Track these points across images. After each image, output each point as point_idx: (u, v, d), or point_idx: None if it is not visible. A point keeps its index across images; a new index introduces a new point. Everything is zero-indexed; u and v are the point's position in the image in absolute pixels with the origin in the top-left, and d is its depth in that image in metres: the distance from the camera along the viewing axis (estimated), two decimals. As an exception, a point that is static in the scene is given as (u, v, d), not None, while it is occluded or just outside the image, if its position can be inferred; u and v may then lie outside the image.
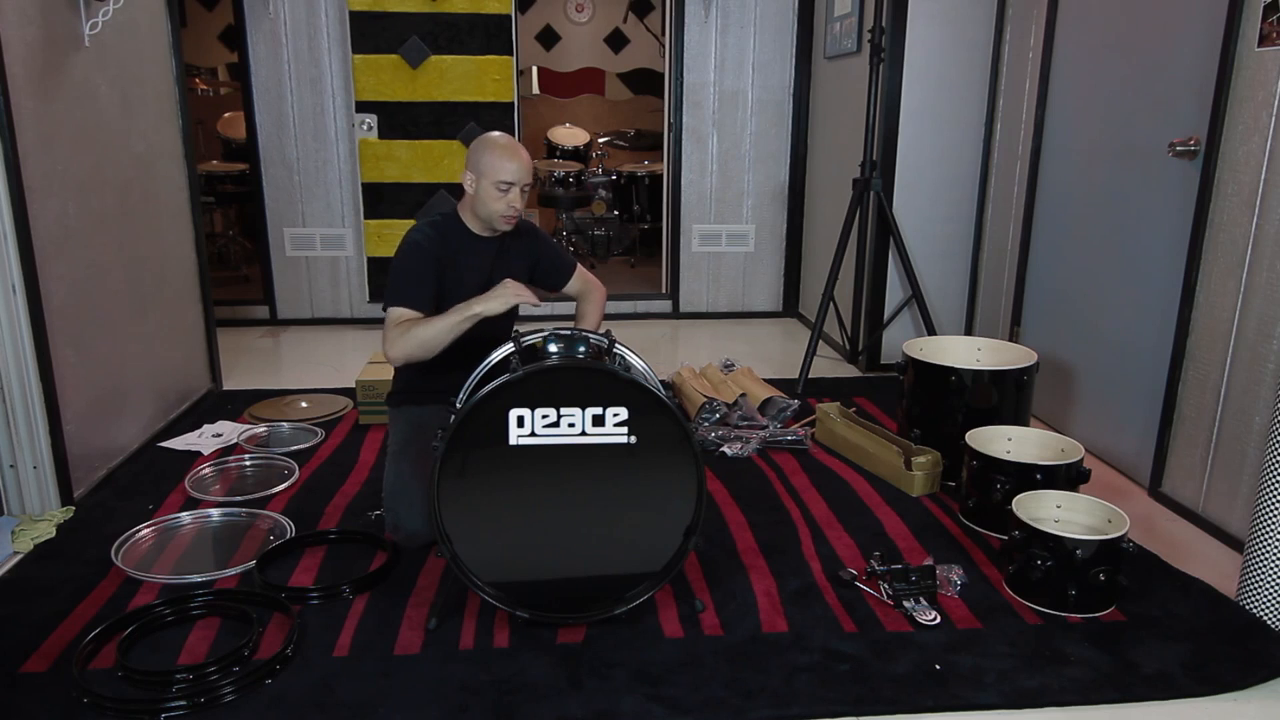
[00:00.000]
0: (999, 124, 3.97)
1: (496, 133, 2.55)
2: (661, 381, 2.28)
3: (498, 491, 2.00)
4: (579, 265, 2.81)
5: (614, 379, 1.96)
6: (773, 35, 5.06)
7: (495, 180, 2.44)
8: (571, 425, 1.97)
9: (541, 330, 2.25)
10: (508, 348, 2.24)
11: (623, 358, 2.17)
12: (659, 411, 1.98)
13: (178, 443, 3.24)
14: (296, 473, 2.97)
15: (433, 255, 2.47)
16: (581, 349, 2.15)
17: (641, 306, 5.40)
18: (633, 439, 1.99)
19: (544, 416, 1.96)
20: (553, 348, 2.16)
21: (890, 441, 2.99)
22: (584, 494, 2.02)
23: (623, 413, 1.97)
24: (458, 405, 2.11)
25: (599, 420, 1.97)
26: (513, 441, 1.96)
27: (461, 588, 2.18)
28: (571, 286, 2.80)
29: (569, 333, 2.23)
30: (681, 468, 2.02)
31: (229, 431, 3.35)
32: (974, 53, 3.98)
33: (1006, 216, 3.92)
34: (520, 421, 1.96)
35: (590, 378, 1.97)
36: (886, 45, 3.86)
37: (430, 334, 2.33)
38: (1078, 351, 3.37)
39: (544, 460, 1.99)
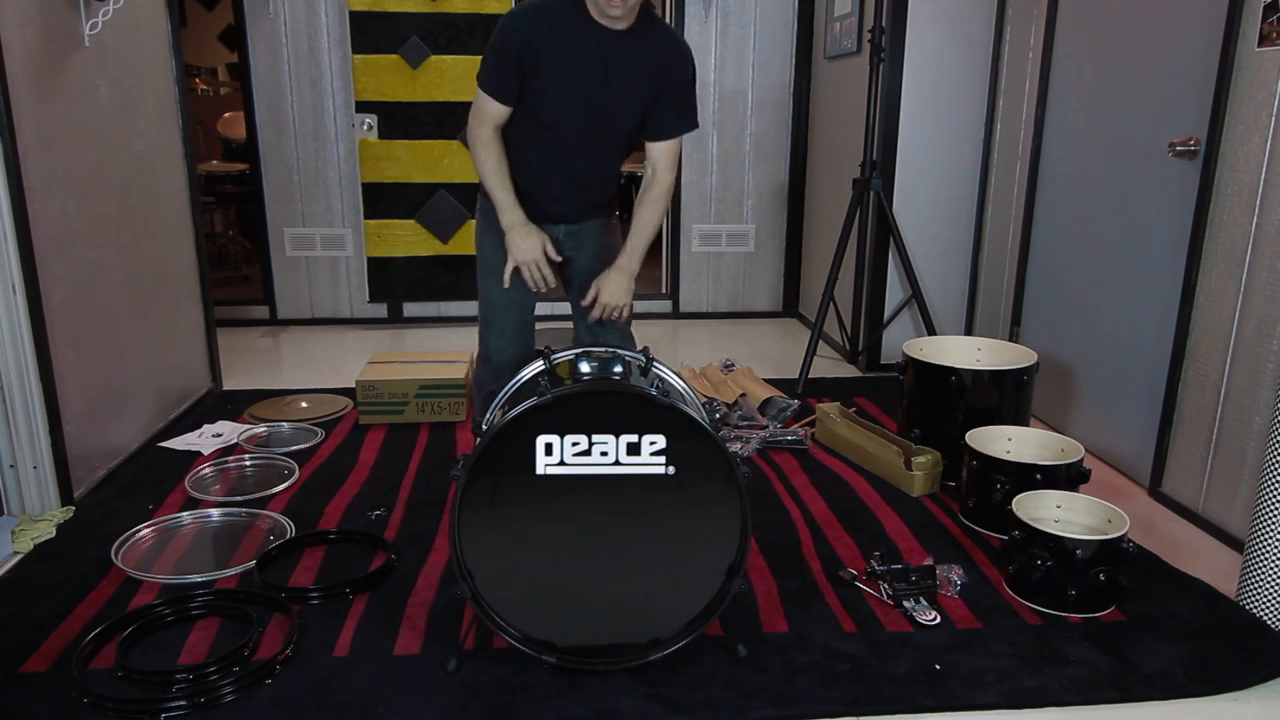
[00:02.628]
0: (999, 124, 3.97)
1: None
2: (707, 401, 2.19)
3: (523, 524, 1.87)
4: (680, 140, 2.43)
5: (651, 404, 1.82)
6: (773, 35, 5.06)
7: None
8: (604, 454, 1.83)
9: (569, 338, 2.18)
10: (537, 365, 2.06)
11: (661, 378, 2.00)
12: (700, 439, 1.83)
13: (178, 443, 3.24)
14: (296, 473, 2.97)
15: (523, 43, 2.19)
16: (617, 369, 1.97)
17: (641, 306, 5.40)
18: (671, 469, 1.84)
19: (574, 444, 1.83)
20: (585, 367, 1.98)
21: (890, 441, 2.99)
22: (617, 528, 1.88)
23: (660, 441, 1.83)
24: (483, 427, 1.97)
25: (634, 449, 1.83)
26: (540, 471, 1.83)
27: (483, 628, 2.08)
28: (657, 152, 2.41)
29: (604, 352, 2.08)
30: (724, 501, 1.87)
31: (229, 431, 3.35)
32: (974, 53, 3.98)
33: (1006, 216, 3.92)
34: (549, 449, 1.82)
35: (625, 402, 1.82)
36: (886, 45, 3.86)
37: (483, 174, 2.31)
38: (1078, 351, 3.37)
39: (574, 491, 1.85)
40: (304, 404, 3.66)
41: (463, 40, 4.73)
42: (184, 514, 2.68)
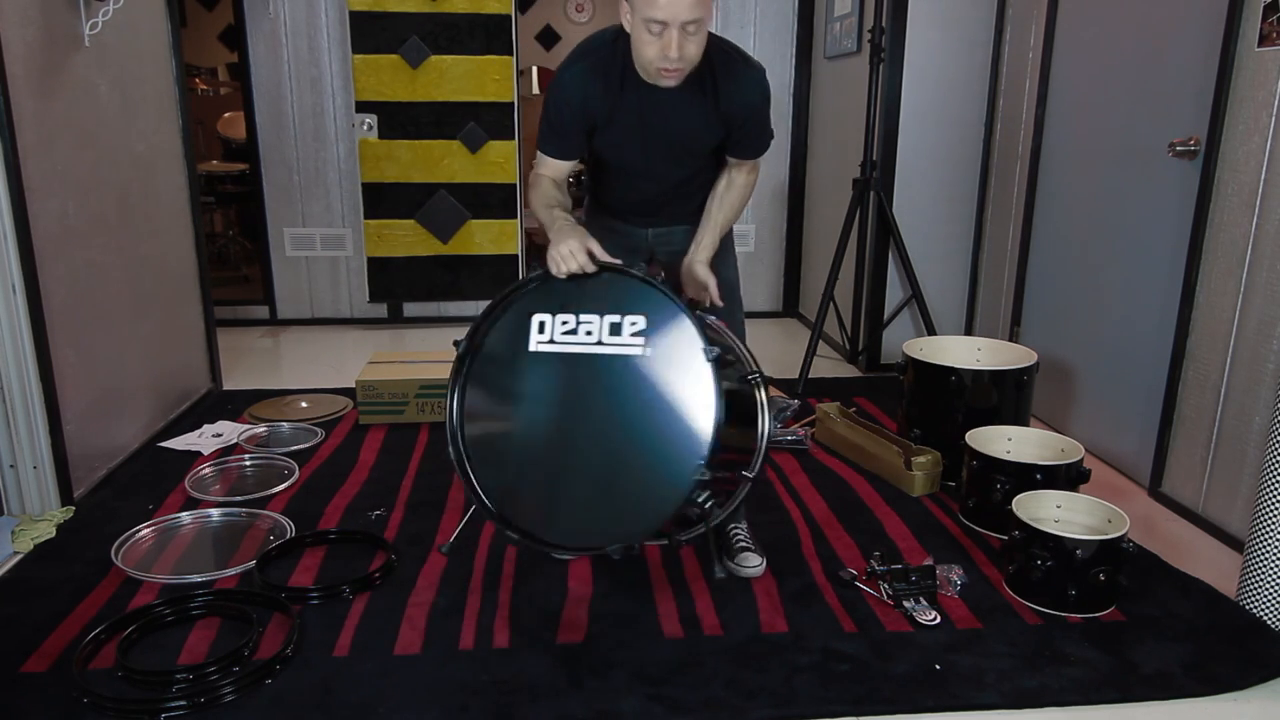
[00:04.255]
0: (999, 124, 3.97)
1: None
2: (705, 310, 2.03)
3: (512, 399, 1.86)
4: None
5: (635, 284, 1.77)
6: (773, 35, 5.06)
7: (644, 16, 1.87)
8: (589, 333, 1.81)
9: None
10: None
11: (667, 286, 1.89)
12: (679, 323, 1.76)
13: (178, 443, 3.24)
14: (296, 473, 2.97)
15: (578, 106, 2.08)
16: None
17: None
18: (648, 351, 1.78)
19: (564, 323, 1.82)
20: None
21: (890, 441, 2.99)
22: (596, 411, 1.82)
23: (640, 321, 1.79)
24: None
25: (616, 329, 1.79)
26: (532, 348, 1.83)
27: (474, 514, 2.06)
28: (736, 165, 2.28)
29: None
30: (700, 389, 1.76)
31: (229, 431, 3.35)
32: (974, 53, 3.98)
33: (1006, 216, 3.92)
34: (541, 327, 1.83)
35: (612, 281, 1.79)
36: (886, 45, 3.86)
37: (535, 210, 2.21)
38: (1078, 351, 3.37)
39: (560, 369, 1.83)
40: (304, 404, 3.66)
41: (463, 40, 4.73)
42: (184, 514, 2.68)
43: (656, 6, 1.84)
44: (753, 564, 2.34)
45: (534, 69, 7.80)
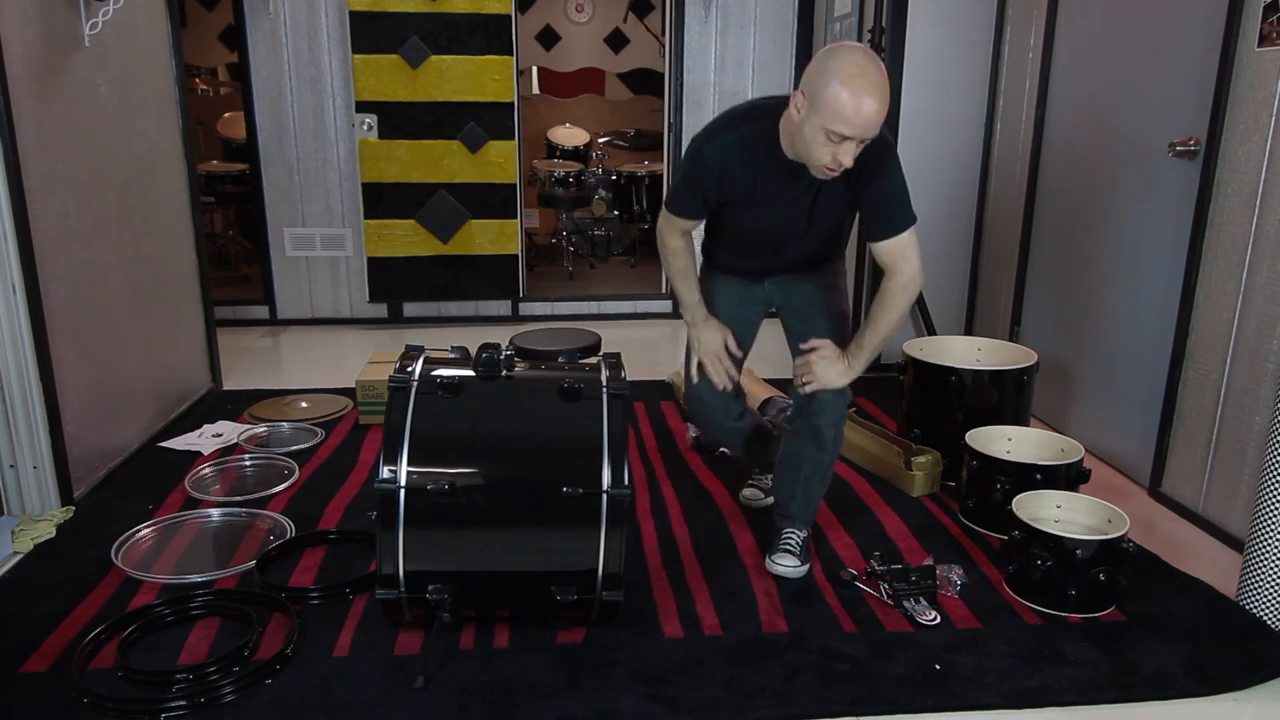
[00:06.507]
0: (999, 124, 3.97)
1: (854, 51, 1.86)
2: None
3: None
4: (910, 232, 2.11)
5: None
6: (773, 35, 5.06)
7: (827, 125, 1.86)
8: None
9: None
10: None
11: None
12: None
13: (178, 443, 3.24)
14: (296, 473, 2.97)
15: (715, 176, 2.10)
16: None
17: (641, 306, 5.39)
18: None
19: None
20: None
21: (890, 441, 2.99)
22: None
23: None
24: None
25: None
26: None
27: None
28: (881, 251, 2.12)
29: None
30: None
31: (229, 431, 3.35)
32: (974, 53, 3.97)
33: (1006, 216, 3.92)
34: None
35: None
36: (886, 45, 3.86)
37: (669, 275, 2.37)
38: (1078, 351, 3.37)
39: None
40: (304, 404, 3.66)
41: (463, 40, 4.72)
42: (184, 514, 2.68)
43: (848, 124, 1.84)
44: (787, 565, 2.36)
45: (534, 69, 7.79)
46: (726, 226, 2.34)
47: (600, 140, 7.36)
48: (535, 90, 7.78)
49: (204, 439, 3.28)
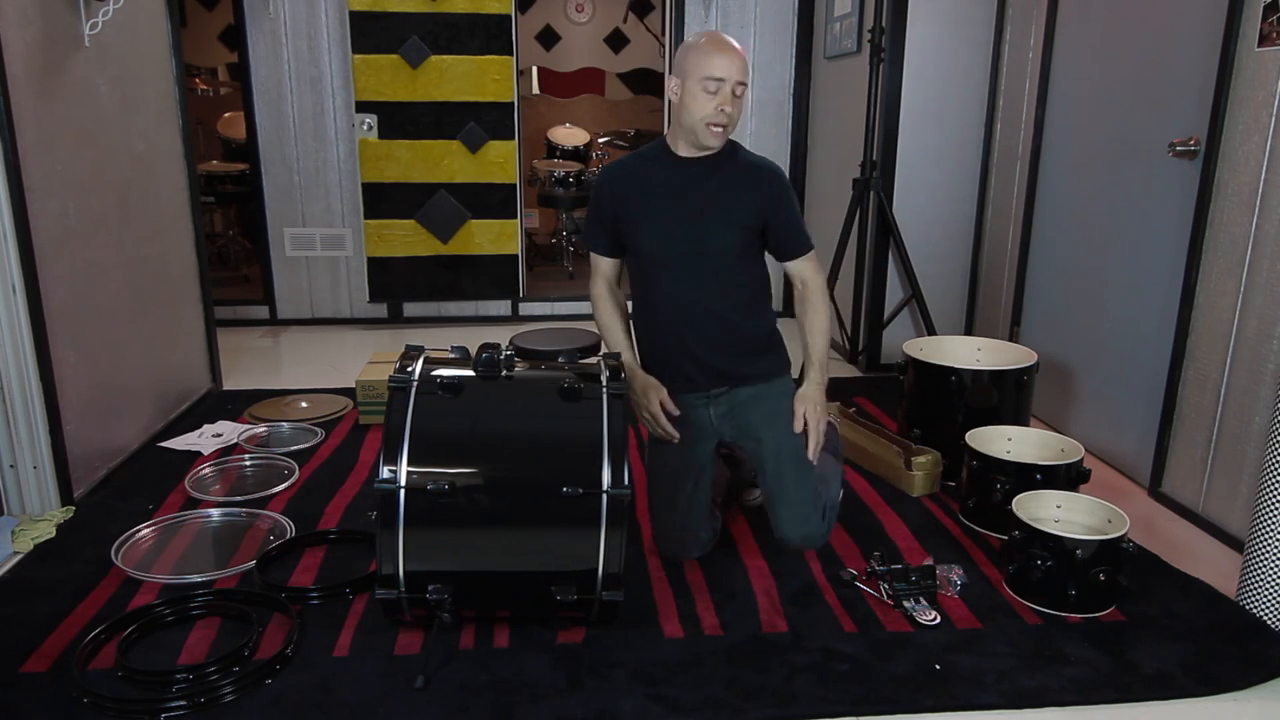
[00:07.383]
0: (999, 124, 3.97)
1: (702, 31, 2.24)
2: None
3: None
4: (813, 252, 2.38)
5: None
6: (773, 35, 5.06)
7: (701, 77, 2.12)
8: None
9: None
10: None
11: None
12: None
13: (178, 443, 3.24)
14: (296, 473, 2.97)
15: (607, 193, 2.33)
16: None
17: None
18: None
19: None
20: None
21: (890, 441, 2.99)
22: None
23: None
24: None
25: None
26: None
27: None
28: (793, 269, 2.38)
29: None
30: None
31: (229, 431, 3.35)
32: (974, 53, 3.98)
33: (1006, 216, 3.92)
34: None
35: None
36: (886, 45, 3.86)
37: (599, 328, 2.44)
38: (1078, 351, 3.37)
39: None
40: (304, 404, 3.66)
41: (463, 40, 4.73)
42: (184, 514, 2.68)
43: (715, 66, 2.12)
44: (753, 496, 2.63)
45: (534, 69, 7.80)
46: (635, 271, 2.38)
47: (600, 140, 7.36)
48: (535, 90, 7.78)
49: (204, 439, 3.28)
